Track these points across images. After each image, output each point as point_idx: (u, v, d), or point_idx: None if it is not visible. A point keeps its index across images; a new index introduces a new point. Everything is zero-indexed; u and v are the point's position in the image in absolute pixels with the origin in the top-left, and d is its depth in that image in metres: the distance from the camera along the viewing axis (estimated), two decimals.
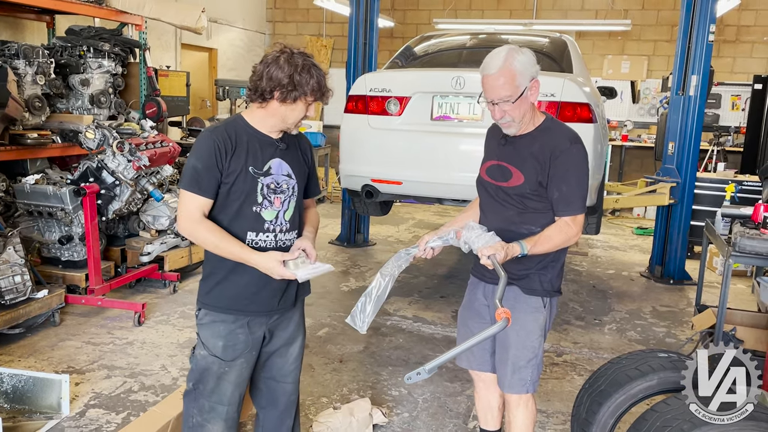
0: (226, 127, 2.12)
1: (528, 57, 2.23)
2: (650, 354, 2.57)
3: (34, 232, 4.68)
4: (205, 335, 2.20)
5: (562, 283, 2.48)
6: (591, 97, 4.22)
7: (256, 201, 2.12)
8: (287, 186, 2.18)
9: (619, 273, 6.24)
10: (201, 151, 2.07)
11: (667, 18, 9.68)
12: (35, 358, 3.79)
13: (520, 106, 2.22)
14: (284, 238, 2.20)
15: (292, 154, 2.23)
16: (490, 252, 2.13)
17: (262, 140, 2.14)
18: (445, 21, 9.92)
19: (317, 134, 9.05)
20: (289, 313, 2.31)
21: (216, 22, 9.70)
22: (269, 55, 2.07)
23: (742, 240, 3.42)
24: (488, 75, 2.21)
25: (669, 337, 4.58)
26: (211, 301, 2.18)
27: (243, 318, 2.18)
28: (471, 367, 2.63)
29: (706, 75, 5.56)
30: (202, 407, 2.23)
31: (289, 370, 2.36)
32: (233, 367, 2.20)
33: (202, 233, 2.07)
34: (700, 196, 6.21)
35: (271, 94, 2.05)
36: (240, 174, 2.09)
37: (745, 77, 9.24)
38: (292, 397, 2.41)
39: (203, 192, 2.06)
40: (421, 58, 5.11)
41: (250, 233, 2.13)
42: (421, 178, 4.37)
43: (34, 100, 4.77)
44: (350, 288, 5.41)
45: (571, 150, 2.26)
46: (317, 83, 2.05)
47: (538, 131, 2.32)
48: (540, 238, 2.24)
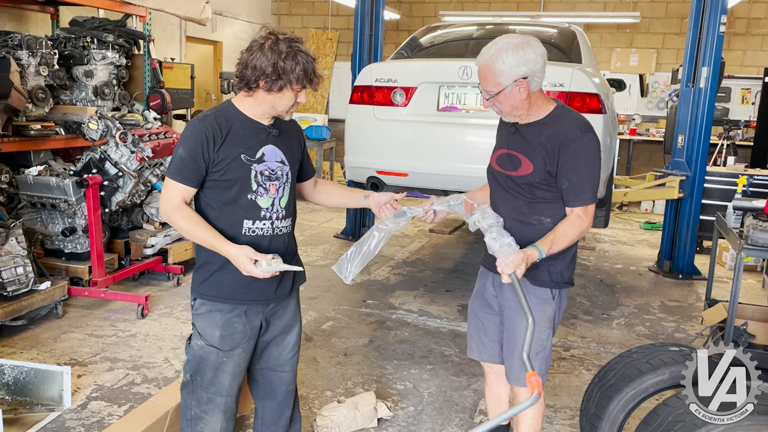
0: (215, 115, 2.07)
1: (519, 56, 2.13)
2: (661, 348, 2.52)
3: (37, 224, 4.65)
4: (202, 325, 2.17)
5: (573, 273, 2.42)
6: (600, 88, 4.15)
7: (250, 188, 2.08)
8: (281, 172, 2.14)
9: (627, 268, 6.18)
10: (188, 140, 2.04)
11: (676, 10, 9.57)
12: (37, 350, 3.77)
13: (504, 101, 2.20)
14: (281, 225, 2.17)
15: (285, 139, 2.18)
16: (510, 270, 2.07)
17: (254, 127, 2.10)
18: (451, 13, 9.84)
19: (322, 128, 8.99)
20: (285, 301, 2.27)
21: (221, 15, 9.65)
22: (254, 42, 2.00)
23: (755, 233, 3.36)
24: (478, 65, 2.22)
25: (678, 332, 4.52)
26: (207, 291, 2.14)
27: (240, 307, 2.15)
28: (482, 359, 2.59)
29: (716, 67, 5.47)
30: (200, 399, 2.20)
31: (286, 359, 2.33)
32: (231, 357, 2.17)
33: (177, 219, 2.06)
34: (710, 190, 6.13)
35: (257, 83, 2.00)
36: (232, 162, 2.05)
37: (756, 70, 9.13)
38: (290, 386, 2.37)
39: (186, 181, 2.05)
40: (427, 48, 5.05)
41: (246, 221, 2.10)
42: (427, 169, 4.32)
43: (38, 91, 4.74)
44: (355, 282, 5.37)
45: (582, 139, 2.19)
46: (303, 70, 1.98)
47: (548, 119, 2.26)
48: (556, 237, 2.18)
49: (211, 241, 2.04)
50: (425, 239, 7.01)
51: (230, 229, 2.09)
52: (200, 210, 2.13)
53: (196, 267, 2.20)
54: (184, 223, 2.05)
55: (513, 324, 2.36)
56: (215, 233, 2.04)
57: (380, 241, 2.23)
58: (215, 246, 2.04)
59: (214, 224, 2.08)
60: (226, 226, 2.09)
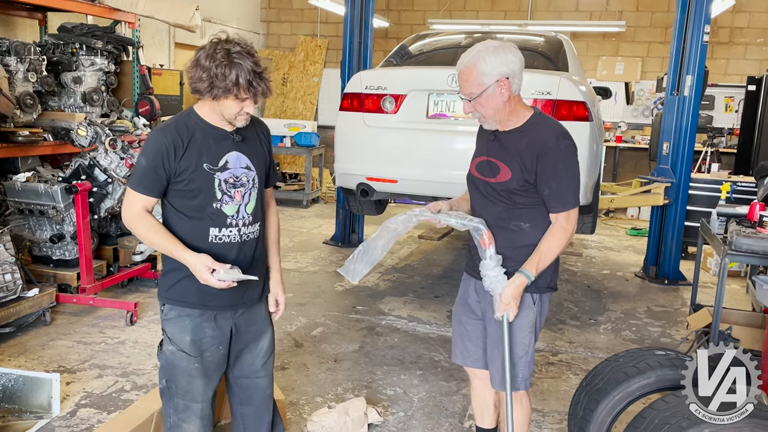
0: (176, 125, 2.07)
1: (500, 58, 2.19)
2: (648, 352, 2.55)
3: (25, 231, 4.63)
4: (172, 330, 2.17)
5: (557, 279, 2.46)
6: (587, 96, 4.21)
7: (215, 197, 2.08)
8: (247, 179, 2.14)
9: (614, 273, 6.24)
10: (148, 151, 2.05)
11: (660, 20, 9.71)
12: (26, 357, 3.74)
13: (486, 103, 2.23)
14: (247, 231, 2.17)
15: (251, 144, 2.17)
16: (502, 311, 2.26)
17: (217, 134, 2.09)
18: (439, 21, 9.91)
19: (312, 134, 9.00)
20: (255, 307, 2.28)
21: (210, 21, 9.65)
22: (199, 49, 1.99)
23: (739, 238, 3.42)
24: (458, 70, 2.27)
25: (664, 337, 4.57)
26: (176, 296, 2.15)
27: (209, 312, 2.16)
28: (466, 364, 2.61)
29: (700, 75, 5.56)
30: (177, 406, 2.22)
31: (260, 365, 2.33)
32: (201, 363, 2.18)
33: (137, 227, 2.08)
34: (694, 197, 6.22)
35: (199, 91, 1.99)
36: (195, 172, 2.05)
37: (739, 79, 9.27)
38: (267, 391, 2.38)
39: (146, 191, 2.06)
40: (416, 56, 5.10)
41: (213, 229, 2.10)
42: (416, 176, 4.35)
43: (26, 97, 4.71)
44: (344, 288, 5.38)
45: (559, 146, 2.24)
46: (235, 78, 1.92)
47: (526, 126, 2.30)
48: (542, 255, 2.25)
49: (169, 249, 2.05)
50: (414, 245, 7.04)
51: (198, 237, 2.10)
52: (170, 217, 2.14)
53: (162, 272, 2.21)
54: (144, 231, 2.07)
55: (494, 328, 2.39)
56: (174, 241, 2.05)
57: (387, 243, 2.24)
58: (173, 254, 2.05)
59: (182, 231, 2.10)
60: (193, 233, 2.10)
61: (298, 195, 9.11)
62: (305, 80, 11.08)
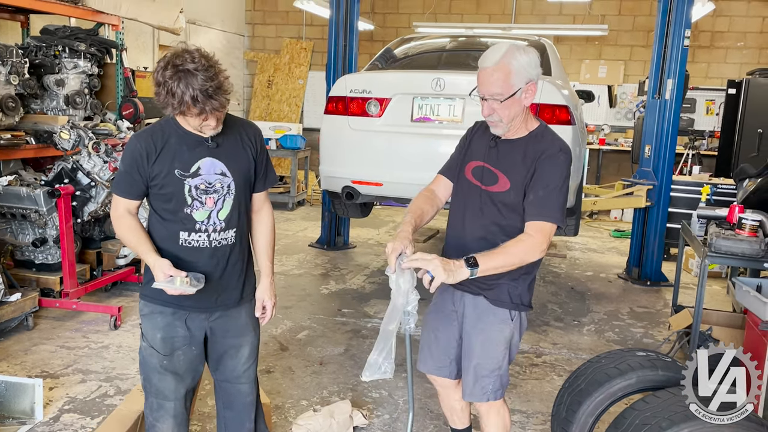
0: (152, 131, 2.11)
1: (530, 58, 2.11)
2: (629, 353, 2.59)
3: (7, 235, 4.58)
4: (146, 326, 2.22)
5: (532, 297, 2.39)
6: (569, 100, 4.26)
7: (185, 202, 2.11)
8: (221, 185, 2.14)
9: (597, 275, 6.30)
10: (125, 156, 2.12)
11: (642, 24, 9.82)
12: (8, 362, 3.71)
13: (510, 106, 2.12)
14: (219, 237, 2.18)
15: (229, 150, 2.16)
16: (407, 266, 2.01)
17: (191, 140, 2.10)
18: (424, 24, 9.94)
19: (297, 137, 9.00)
20: (233, 311, 2.28)
21: (194, 24, 9.62)
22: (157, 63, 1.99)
23: (718, 240, 3.47)
24: (484, 68, 2.12)
25: (646, 338, 4.63)
26: (151, 293, 2.16)
27: (181, 312, 2.18)
28: (428, 371, 2.53)
29: (681, 79, 5.64)
30: (151, 405, 2.26)
31: (241, 371, 2.34)
32: (171, 361, 2.20)
33: (118, 228, 2.17)
34: (676, 199, 6.29)
35: (161, 104, 1.99)
36: (167, 177, 2.08)
37: (719, 82, 9.40)
38: (248, 398, 2.39)
39: (125, 194, 2.14)
40: (401, 60, 5.12)
41: (182, 233, 2.14)
42: (401, 179, 4.37)
43: (8, 100, 4.66)
44: (330, 291, 5.39)
45: (559, 156, 2.17)
46: (181, 97, 1.89)
47: (530, 137, 2.22)
48: (495, 258, 2.05)
49: (138, 249, 2.12)
50: None
51: (170, 239, 2.14)
52: (151, 219, 2.20)
53: (144, 269, 2.25)
54: (122, 231, 2.16)
55: (470, 341, 2.35)
56: (144, 242, 2.11)
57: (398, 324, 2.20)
58: (140, 255, 2.13)
59: (158, 233, 2.16)
60: (167, 235, 2.15)
61: (283, 198, 9.09)
62: (290, 83, 11.06)
